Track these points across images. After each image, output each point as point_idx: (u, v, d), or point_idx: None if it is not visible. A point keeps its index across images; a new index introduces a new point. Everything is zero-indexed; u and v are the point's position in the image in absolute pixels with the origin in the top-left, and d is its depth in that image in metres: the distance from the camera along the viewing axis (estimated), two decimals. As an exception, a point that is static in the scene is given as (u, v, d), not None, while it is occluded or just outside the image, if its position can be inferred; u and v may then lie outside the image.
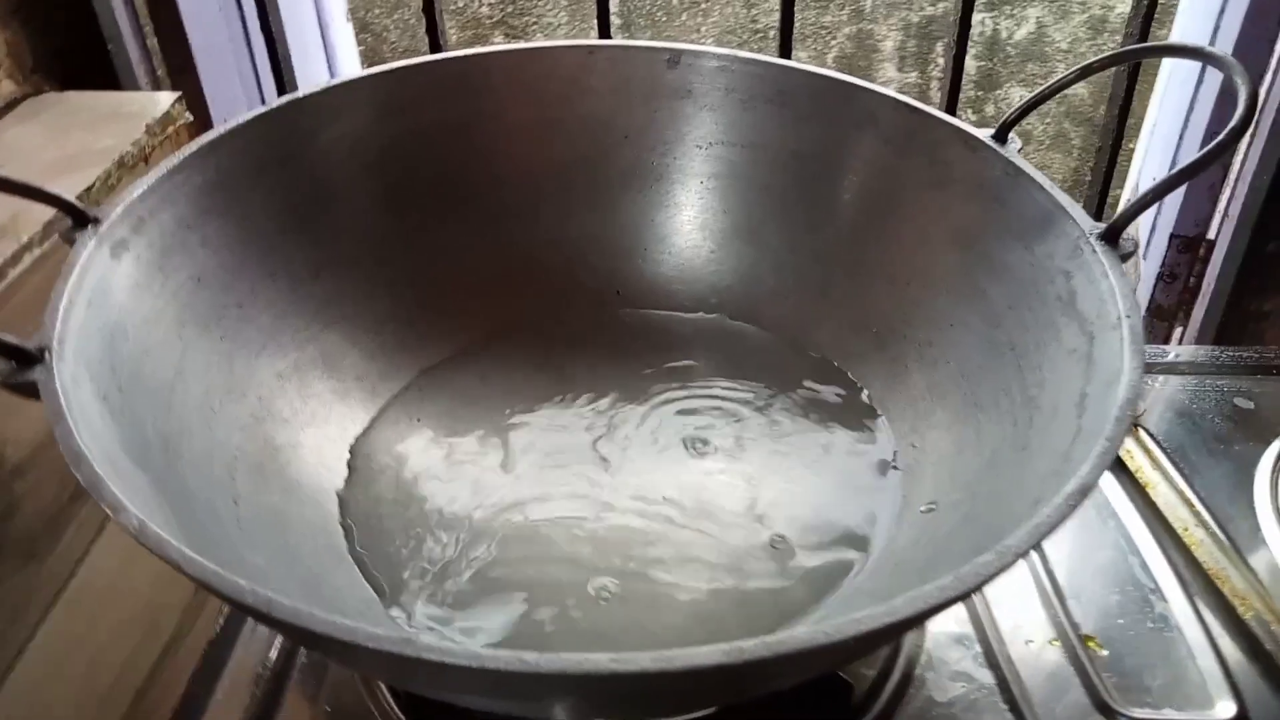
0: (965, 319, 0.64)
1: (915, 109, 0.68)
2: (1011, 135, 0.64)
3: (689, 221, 0.79)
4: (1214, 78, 1.09)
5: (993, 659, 0.60)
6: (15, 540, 0.67)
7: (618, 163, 0.78)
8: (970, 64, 2.74)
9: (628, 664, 0.32)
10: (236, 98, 1.20)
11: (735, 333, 0.76)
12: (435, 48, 0.99)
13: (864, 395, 0.69)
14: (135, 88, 1.01)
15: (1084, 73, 0.63)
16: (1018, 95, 2.67)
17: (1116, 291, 0.50)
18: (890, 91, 0.69)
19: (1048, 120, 2.72)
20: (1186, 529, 0.68)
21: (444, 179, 0.75)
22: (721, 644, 0.33)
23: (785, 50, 0.94)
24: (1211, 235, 1.13)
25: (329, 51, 1.36)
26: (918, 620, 0.36)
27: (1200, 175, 1.14)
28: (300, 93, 0.68)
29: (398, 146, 0.73)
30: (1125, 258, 0.54)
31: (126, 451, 0.47)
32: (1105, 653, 0.60)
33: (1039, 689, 0.58)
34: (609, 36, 0.95)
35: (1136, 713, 0.57)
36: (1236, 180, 1.09)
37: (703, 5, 2.63)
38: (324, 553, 0.56)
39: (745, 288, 0.77)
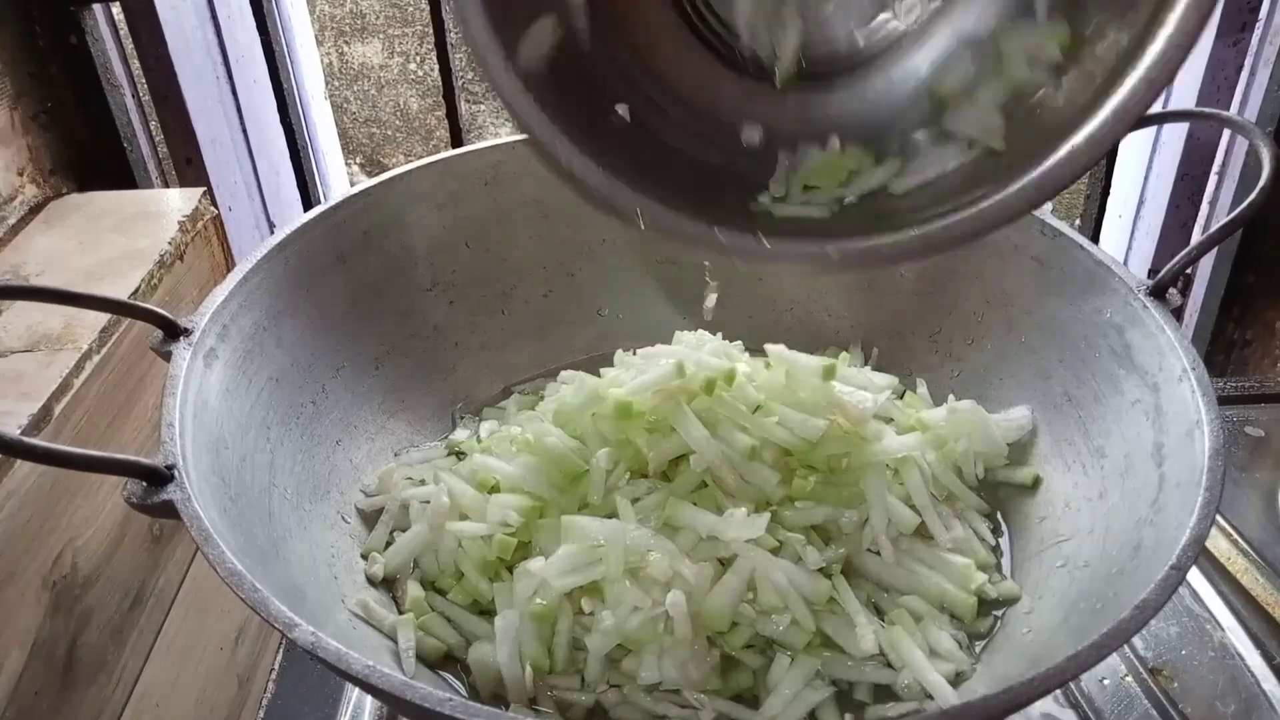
0: (1014, 372, 0.67)
1: (945, 176, 0.72)
2: (1043, 198, 0.68)
3: (724, 290, 0.81)
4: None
5: (1073, 698, 0.63)
6: (87, 653, 0.66)
7: (651, 237, 0.80)
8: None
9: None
10: (237, 185, 1.21)
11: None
12: (456, 139, 1.01)
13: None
14: (148, 182, 1.02)
15: (1108, 138, 0.67)
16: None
17: (1177, 345, 0.54)
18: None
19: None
20: (1229, 558, 0.71)
21: (489, 266, 0.77)
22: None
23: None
24: (1187, 271, 1.19)
25: (309, 129, 1.38)
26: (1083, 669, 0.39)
27: (1173, 214, 1.21)
28: (352, 190, 0.70)
29: (445, 237, 0.75)
30: (1176, 312, 0.58)
31: (250, 562, 0.47)
32: (1176, 684, 0.63)
33: (1121, 725, 0.61)
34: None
35: (1216, 741, 0.59)
36: (1210, 216, 1.15)
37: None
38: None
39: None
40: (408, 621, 0.55)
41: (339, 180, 1.41)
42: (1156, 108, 1.21)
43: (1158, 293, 0.58)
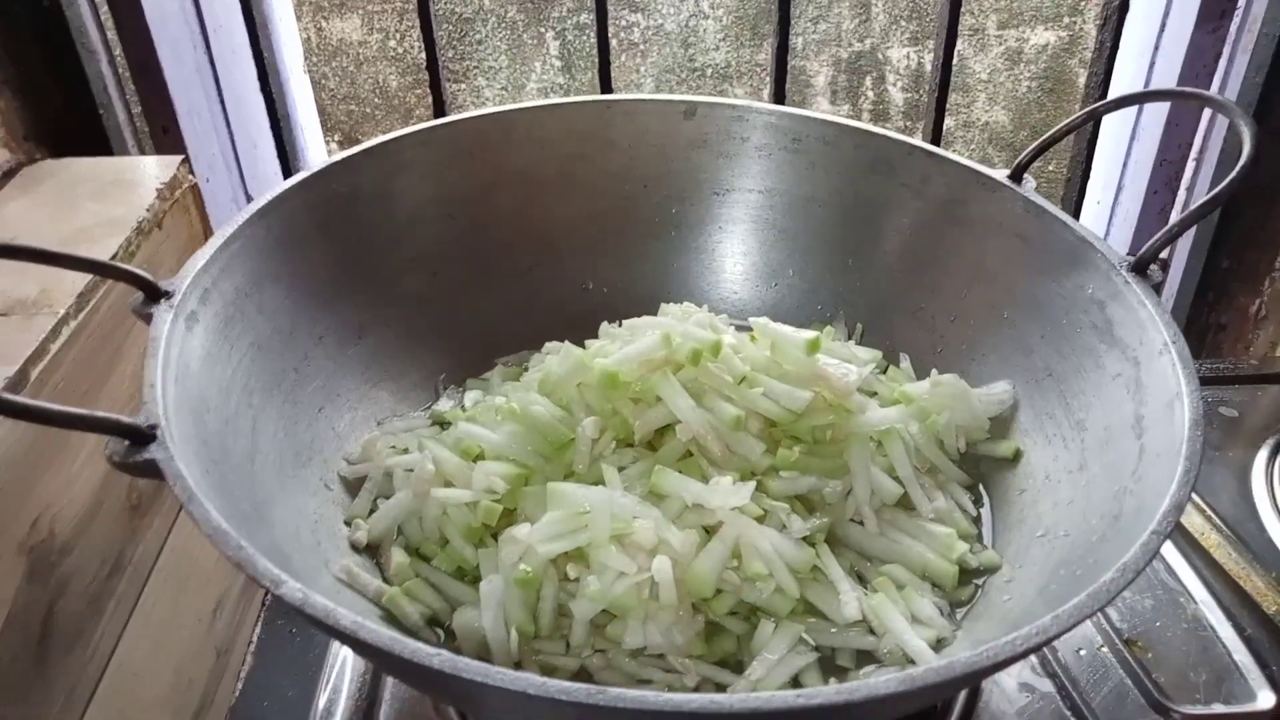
0: (996, 348, 0.68)
1: (930, 153, 0.72)
2: (1026, 175, 0.68)
3: (709, 266, 0.82)
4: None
5: (1050, 668, 0.64)
6: (64, 621, 0.66)
7: (637, 213, 0.80)
8: (898, 95, 2.86)
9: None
10: (215, 157, 1.20)
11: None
12: (439, 109, 1.00)
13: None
14: (124, 151, 1.00)
15: (1090, 115, 0.68)
16: (945, 124, 2.80)
17: (1158, 319, 0.55)
18: (904, 137, 0.73)
19: (972, 146, 2.86)
20: (1203, 534, 0.72)
21: (473, 237, 0.76)
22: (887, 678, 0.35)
23: (779, 96, 0.98)
24: (1164, 255, 1.21)
25: (288, 102, 1.36)
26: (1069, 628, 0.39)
27: (1151, 199, 1.23)
28: (336, 157, 0.69)
29: (429, 208, 0.74)
30: (1156, 287, 0.58)
31: (234, 523, 0.47)
32: (1150, 655, 0.64)
33: (1097, 693, 0.62)
34: (610, 90, 0.98)
35: (1189, 709, 0.60)
36: (1188, 202, 1.16)
37: (641, 47, 2.69)
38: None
39: (770, 327, 0.80)
40: (398, 596, 0.55)
41: (318, 156, 1.39)
42: (1138, 86, 1.22)
43: (1139, 268, 0.59)
